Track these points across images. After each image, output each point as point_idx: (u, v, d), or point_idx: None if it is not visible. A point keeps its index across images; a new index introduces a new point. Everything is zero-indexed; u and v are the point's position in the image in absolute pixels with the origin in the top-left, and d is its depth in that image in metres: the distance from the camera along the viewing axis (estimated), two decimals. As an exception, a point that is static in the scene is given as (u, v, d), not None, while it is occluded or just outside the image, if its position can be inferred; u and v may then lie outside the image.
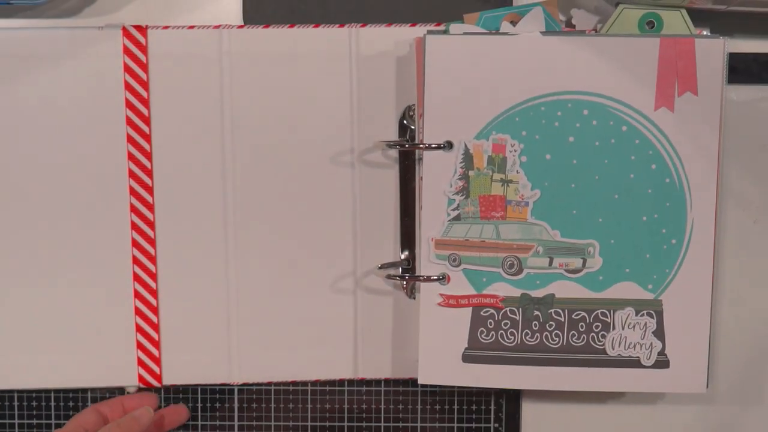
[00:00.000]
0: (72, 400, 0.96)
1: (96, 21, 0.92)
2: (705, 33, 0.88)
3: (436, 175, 0.87)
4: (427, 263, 0.88)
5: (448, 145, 0.86)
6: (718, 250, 0.87)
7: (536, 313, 0.88)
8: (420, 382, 0.89)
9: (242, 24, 0.92)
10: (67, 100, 0.90)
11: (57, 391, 0.96)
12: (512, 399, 0.95)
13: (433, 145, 0.86)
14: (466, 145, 0.86)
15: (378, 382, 0.95)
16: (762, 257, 0.93)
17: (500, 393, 0.95)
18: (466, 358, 0.88)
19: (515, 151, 0.86)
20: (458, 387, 0.94)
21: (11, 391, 0.96)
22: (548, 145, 0.86)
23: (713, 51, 0.85)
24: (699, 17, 0.89)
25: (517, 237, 0.87)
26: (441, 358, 0.89)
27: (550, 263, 0.87)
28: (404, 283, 0.91)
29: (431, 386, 0.94)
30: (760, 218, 0.92)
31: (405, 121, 0.90)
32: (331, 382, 0.95)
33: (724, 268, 0.92)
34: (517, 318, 0.88)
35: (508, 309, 0.88)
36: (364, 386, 0.95)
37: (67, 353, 0.93)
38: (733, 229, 0.92)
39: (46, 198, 0.91)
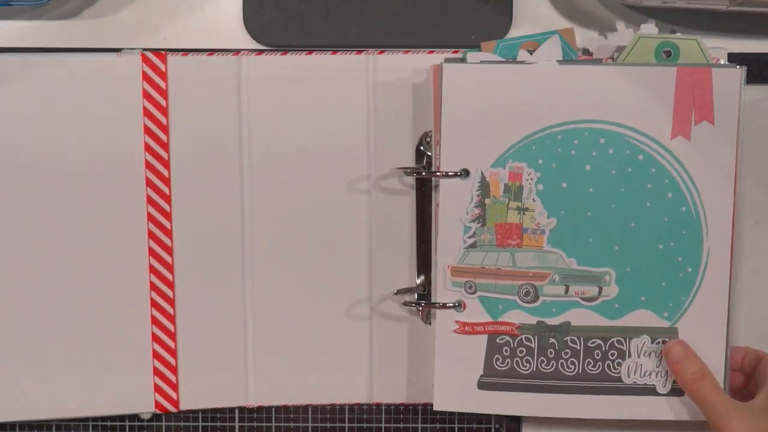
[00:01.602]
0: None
1: (96, 22, 0.92)
2: (722, 62, 0.88)
3: (453, 203, 0.87)
4: (443, 290, 0.88)
5: (465, 173, 0.87)
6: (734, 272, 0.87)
7: (552, 340, 0.88)
8: (435, 408, 0.89)
9: (244, 25, 0.92)
10: (85, 125, 0.91)
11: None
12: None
13: (450, 173, 0.86)
14: (482, 173, 0.87)
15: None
16: (764, 258, 0.92)
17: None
18: (482, 385, 0.89)
19: (532, 179, 0.87)
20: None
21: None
22: (565, 174, 0.86)
23: (730, 80, 0.85)
24: (699, 17, 0.90)
25: (533, 265, 0.87)
26: (456, 385, 0.89)
27: (566, 291, 0.87)
28: (420, 309, 0.91)
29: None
30: (760, 218, 0.92)
31: (422, 148, 0.90)
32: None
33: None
34: (533, 346, 0.88)
35: (523, 336, 0.88)
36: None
37: (83, 380, 0.93)
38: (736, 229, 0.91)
39: (63, 224, 0.92)
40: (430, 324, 0.92)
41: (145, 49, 0.91)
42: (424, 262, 0.92)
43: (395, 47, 0.92)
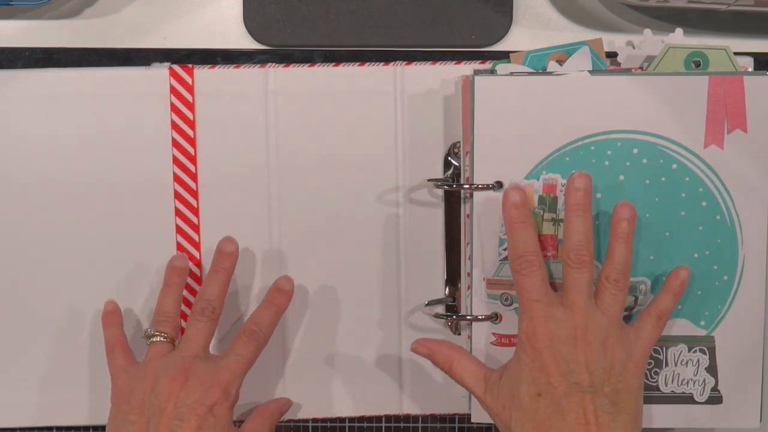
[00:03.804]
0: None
1: (96, 22, 0.93)
2: (749, 69, 0.88)
3: (487, 216, 0.87)
4: (479, 303, 0.88)
5: (498, 185, 0.87)
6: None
7: (589, 351, 0.88)
8: (473, 420, 0.89)
9: (244, 25, 0.92)
10: (113, 139, 0.91)
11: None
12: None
13: (483, 186, 0.87)
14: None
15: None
16: None
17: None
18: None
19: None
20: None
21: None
22: (598, 184, 0.86)
23: (762, 87, 0.86)
24: (699, 17, 0.90)
25: (569, 276, 0.87)
26: (494, 397, 0.89)
27: (603, 301, 0.87)
28: (450, 321, 0.91)
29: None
30: None
31: (450, 158, 0.90)
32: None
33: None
34: (570, 356, 0.88)
35: (560, 347, 0.88)
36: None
37: (89, 389, 0.94)
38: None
39: (91, 236, 0.92)
40: (459, 334, 0.92)
41: (172, 63, 0.91)
42: (452, 273, 0.92)
43: (395, 47, 0.92)
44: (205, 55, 0.92)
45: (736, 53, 0.89)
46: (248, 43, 0.93)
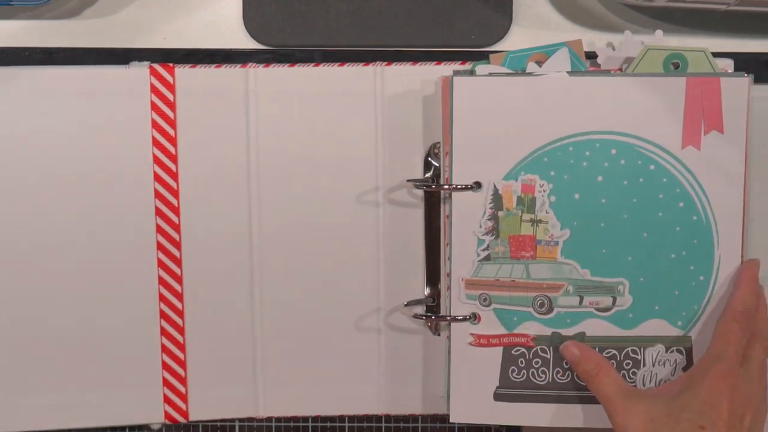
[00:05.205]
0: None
1: (96, 22, 0.92)
2: (729, 71, 0.89)
3: (466, 216, 0.87)
4: (458, 303, 0.88)
5: (477, 186, 0.87)
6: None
7: (567, 351, 0.89)
8: (452, 420, 0.90)
9: (244, 25, 0.92)
10: (94, 138, 0.91)
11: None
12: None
13: (462, 186, 0.87)
14: (495, 186, 0.87)
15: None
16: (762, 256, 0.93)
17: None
18: (498, 397, 0.89)
19: (544, 191, 0.87)
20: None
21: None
22: (577, 185, 0.87)
23: (738, 89, 0.86)
24: (699, 17, 0.91)
25: (548, 276, 0.88)
26: (473, 397, 0.89)
27: (581, 302, 0.88)
28: (429, 321, 0.92)
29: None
30: (755, 217, 0.92)
31: (430, 159, 0.91)
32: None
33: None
34: (548, 356, 0.89)
35: (539, 348, 0.89)
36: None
37: (92, 391, 0.94)
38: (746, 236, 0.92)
39: (71, 235, 0.92)
40: (439, 335, 0.92)
41: (155, 54, 0.91)
42: (432, 274, 0.92)
43: (395, 47, 0.92)
44: (205, 55, 0.92)
45: (722, 54, 0.89)
46: (248, 43, 0.93)
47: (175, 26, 0.93)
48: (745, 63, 0.91)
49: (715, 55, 0.89)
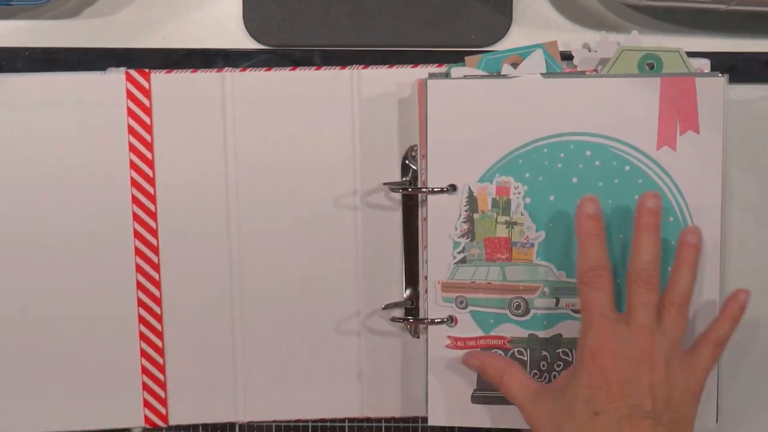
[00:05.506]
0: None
1: (96, 22, 0.92)
2: (705, 71, 0.88)
3: (441, 219, 0.87)
4: (434, 306, 0.88)
5: (452, 189, 0.87)
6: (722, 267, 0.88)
7: (544, 353, 0.89)
8: (430, 423, 0.90)
9: (244, 25, 0.92)
10: (70, 144, 0.91)
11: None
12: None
13: (437, 189, 0.87)
14: (470, 188, 0.87)
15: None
16: (762, 258, 0.93)
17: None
18: (476, 399, 0.89)
19: (519, 193, 0.87)
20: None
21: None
22: (552, 187, 0.87)
23: (714, 88, 0.86)
24: (698, 17, 0.91)
25: (523, 278, 0.88)
26: (450, 400, 0.89)
27: (557, 304, 0.88)
28: (408, 324, 0.92)
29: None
30: (759, 217, 0.93)
31: (407, 162, 0.91)
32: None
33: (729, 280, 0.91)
34: (525, 359, 0.89)
35: (515, 350, 0.89)
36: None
37: (72, 396, 0.93)
38: (734, 229, 0.92)
39: (49, 241, 0.92)
40: (418, 338, 0.92)
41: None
42: (411, 276, 0.92)
43: (395, 47, 0.92)
44: (205, 55, 0.92)
45: (734, 52, 0.90)
46: (248, 44, 0.92)
47: (175, 26, 0.93)
48: (745, 63, 0.91)
49: (716, 55, 0.90)
